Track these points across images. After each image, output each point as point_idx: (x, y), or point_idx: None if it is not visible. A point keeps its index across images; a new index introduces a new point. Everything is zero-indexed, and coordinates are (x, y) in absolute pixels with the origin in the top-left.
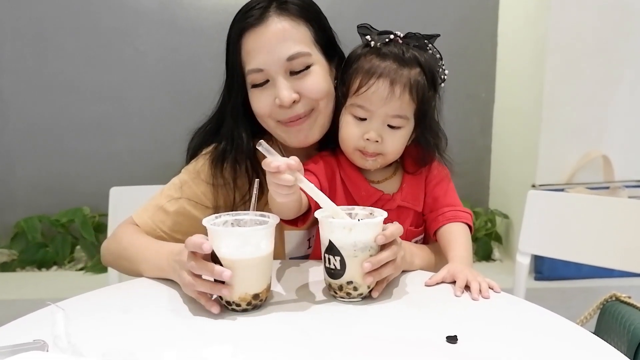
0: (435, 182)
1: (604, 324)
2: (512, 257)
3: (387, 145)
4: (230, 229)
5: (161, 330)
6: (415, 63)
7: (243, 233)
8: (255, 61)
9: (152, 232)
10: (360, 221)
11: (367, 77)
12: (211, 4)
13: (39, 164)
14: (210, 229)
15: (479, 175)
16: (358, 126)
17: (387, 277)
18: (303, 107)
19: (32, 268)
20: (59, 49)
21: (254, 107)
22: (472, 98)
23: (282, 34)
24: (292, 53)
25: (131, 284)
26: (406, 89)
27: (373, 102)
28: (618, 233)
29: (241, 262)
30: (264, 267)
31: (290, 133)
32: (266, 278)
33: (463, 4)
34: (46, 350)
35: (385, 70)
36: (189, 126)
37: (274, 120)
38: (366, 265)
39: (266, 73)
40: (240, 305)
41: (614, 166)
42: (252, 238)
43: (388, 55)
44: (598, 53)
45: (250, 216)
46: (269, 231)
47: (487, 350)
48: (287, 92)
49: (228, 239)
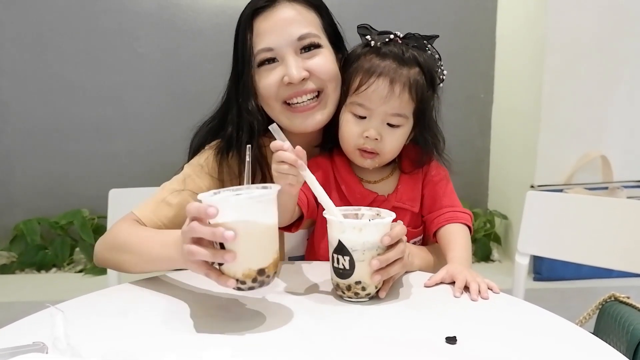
0: (434, 182)
1: (603, 324)
2: (511, 258)
3: (385, 143)
4: (225, 198)
5: (160, 333)
6: (414, 63)
7: (239, 202)
8: (266, 41)
9: (155, 225)
10: (371, 221)
11: (367, 76)
12: (210, 6)
13: (38, 166)
14: (205, 200)
15: (478, 176)
16: (358, 124)
17: (393, 275)
18: (313, 84)
19: (31, 270)
20: (58, 51)
21: (261, 87)
22: (471, 98)
23: (294, 17)
24: (303, 33)
25: (130, 287)
26: (405, 88)
27: (373, 101)
28: (617, 233)
29: (240, 234)
30: (268, 239)
31: (295, 119)
32: (271, 251)
33: (462, 5)
34: (45, 352)
35: (385, 69)
36: (189, 127)
37: (280, 103)
38: (374, 263)
39: (276, 52)
40: (246, 282)
41: (612, 167)
42: (251, 207)
43: (388, 54)
44: (597, 53)
45: (252, 190)
46: (269, 199)
47: (486, 351)
48: (296, 69)
49: (224, 210)
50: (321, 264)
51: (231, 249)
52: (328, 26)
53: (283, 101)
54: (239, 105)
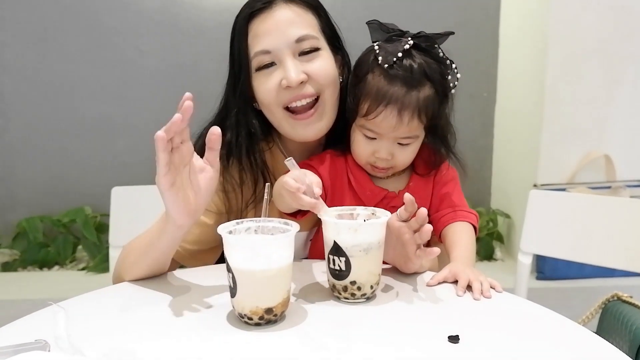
0: (443, 182)
1: (605, 323)
2: (513, 257)
3: (398, 159)
4: (239, 238)
5: (162, 331)
6: (424, 78)
7: (253, 243)
8: (262, 43)
9: None
10: (366, 222)
11: (375, 104)
12: (212, 5)
13: (40, 164)
14: (222, 236)
15: (481, 175)
16: (369, 144)
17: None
18: (311, 89)
19: (33, 268)
20: (60, 49)
21: (260, 93)
22: (474, 98)
23: (291, 18)
24: (301, 34)
25: (132, 285)
26: (415, 114)
27: (382, 128)
28: (620, 233)
29: (251, 274)
30: (278, 280)
31: (298, 127)
32: (281, 292)
33: (465, 5)
34: (48, 350)
35: (394, 96)
36: (191, 125)
37: (281, 109)
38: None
39: (273, 55)
40: (252, 319)
41: (615, 166)
42: (263, 249)
43: (395, 78)
44: (600, 53)
45: (274, 223)
46: (284, 242)
47: (488, 350)
48: (295, 73)
49: (237, 249)
50: (319, 263)
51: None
52: (326, 27)
53: (284, 107)
54: (237, 111)
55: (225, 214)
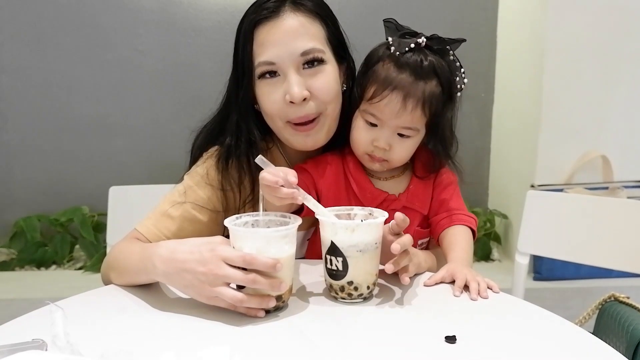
0: (443, 186)
1: (602, 324)
2: (511, 257)
3: (394, 152)
4: (253, 231)
5: (159, 330)
6: (432, 74)
7: (266, 235)
8: (267, 53)
9: (157, 238)
10: (363, 222)
11: (381, 88)
12: (211, 4)
13: (38, 163)
14: (233, 230)
15: (478, 176)
16: (369, 132)
17: (407, 267)
18: (314, 108)
19: (31, 267)
20: (58, 49)
21: (264, 104)
22: (472, 98)
23: (297, 29)
24: (307, 48)
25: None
26: (419, 104)
27: (385, 113)
28: (617, 233)
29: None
30: (287, 269)
31: (298, 137)
32: (289, 279)
33: (462, 5)
34: (45, 349)
35: (401, 83)
36: (189, 125)
37: (283, 121)
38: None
39: (278, 66)
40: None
41: (613, 166)
42: (275, 239)
43: (405, 66)
44: (597, 53)
45: (271, 217)
46: (291, 232)
47: (485, 351)
48: (298, 88)
49: (251, 241)
50: (317, 263)
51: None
52: (332, 37)
53: (286, 121)
54: (238, 114)
55: (222, 212)
